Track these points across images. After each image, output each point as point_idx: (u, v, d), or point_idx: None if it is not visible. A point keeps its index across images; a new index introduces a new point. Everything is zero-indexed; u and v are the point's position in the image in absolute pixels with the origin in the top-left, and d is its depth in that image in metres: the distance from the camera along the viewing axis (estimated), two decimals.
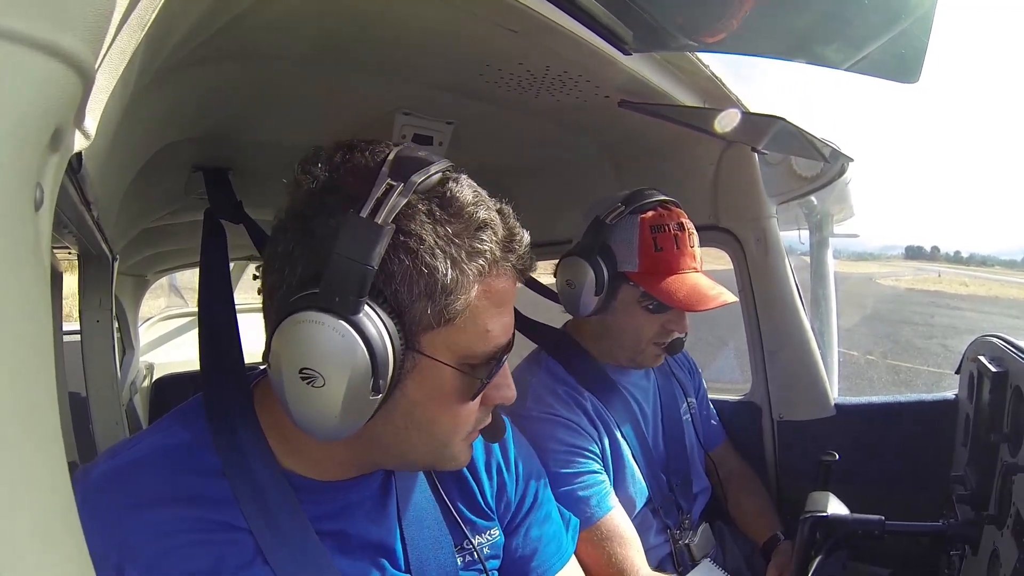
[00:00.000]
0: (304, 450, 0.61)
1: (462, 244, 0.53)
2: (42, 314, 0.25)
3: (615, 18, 0.69)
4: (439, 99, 1.04)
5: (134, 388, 2.50)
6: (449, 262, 0.52)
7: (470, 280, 0.54)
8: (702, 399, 1.39)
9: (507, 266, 0.57)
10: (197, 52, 0.66)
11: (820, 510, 0.97)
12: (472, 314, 0.55)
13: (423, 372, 0.55)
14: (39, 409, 0.23)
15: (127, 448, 0.59)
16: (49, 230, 0.28)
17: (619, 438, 1.13)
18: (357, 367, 0.49)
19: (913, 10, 0.67)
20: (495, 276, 0.56)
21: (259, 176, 1.12)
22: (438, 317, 0.53)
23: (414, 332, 0.54)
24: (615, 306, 1.11)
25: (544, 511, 0.82)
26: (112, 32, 0.33)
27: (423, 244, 0.52)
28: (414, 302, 0.52)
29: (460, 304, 0.54)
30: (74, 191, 0.57)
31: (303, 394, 0.50)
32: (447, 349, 0.55)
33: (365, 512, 0.64)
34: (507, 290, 0.58)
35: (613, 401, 1.15)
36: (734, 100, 1.14)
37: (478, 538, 0.72)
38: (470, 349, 0.56)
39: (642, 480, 1.14)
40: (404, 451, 0.60)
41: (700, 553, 1.18)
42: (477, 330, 0.56)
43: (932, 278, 38.44)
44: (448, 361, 0.55)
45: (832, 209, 2.13)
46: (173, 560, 0.54)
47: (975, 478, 1.01)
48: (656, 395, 1.25)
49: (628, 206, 1.08)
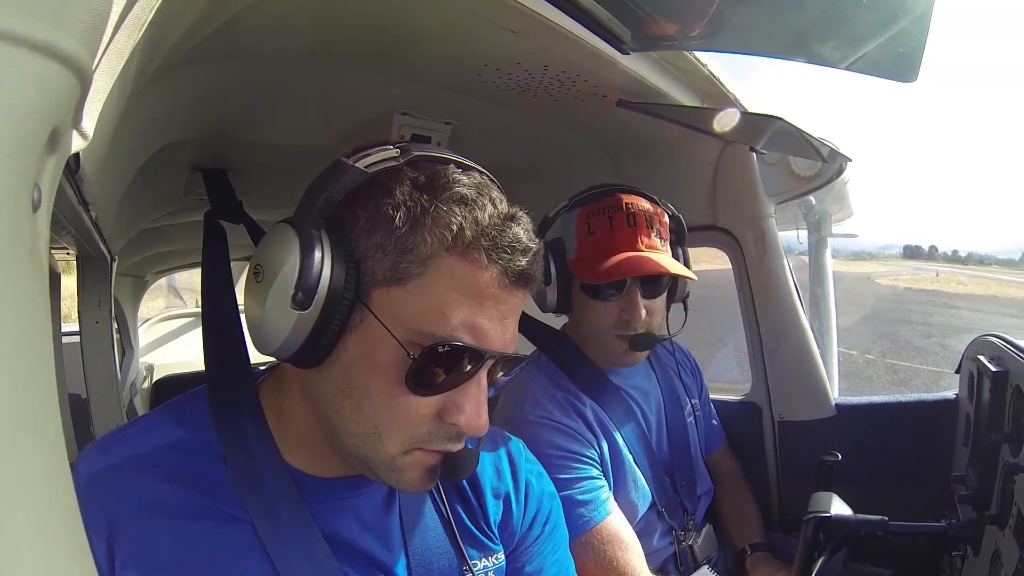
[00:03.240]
0: (304, 444, 0.61)
1: (428, 210, 0.53)
2: (41, 315, 0.25)
3: (613, 18, 0.69)
4: (438, 99, 1.04)
5: (134, 389, 2.50)
6: (410, 222, 0.53)
7: (429, 248, 0.53)
8: (705, 401, 1.38)
9: (480, 254, 0.53)
10: (195, 52, 0.66)
11: (823, 510, 0.96)
12: (427, 285, 0.53)
13: (367, 330, 0.54)
14: (39, 410, 0.23)
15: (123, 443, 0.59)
16: (47, 231, 0.28)
17: (619, 443, 1.12)
18: (287, 271, 0.52)
19: (911, 9, 0.67)
20: (464, 258, 0.53)
21: (258, 176, 1.12)
22: (389, 274, 0.53)
23: (367, 285, 0.54)
24: (572, 300, 1.11)
25: (551, 545, 0.77)
26: (110, 32, 0.33)
27: (391, 198, 0.53)
28: (370, 252, 0.53)
29: (414, 268, 0.53)
30: (72, 192, 0.57)
31: (249, 288, 0.56)
32: (394, 315, 0.53)
33: (365, 522, 0.63)
34: (482, 283, 0.54)
35: (613, 405, 1.14)
36: (732, 100, 1.14)
37: (484, 561, 0.70)
38: (418, 325, 0.53)
39: (645, 484, 1.13)
40: (341, 429, 0.56)
41: (703, 554, 1.18)
42: (429, 306, 0.53)
43: (930, 277, 38.47)
44: (392, 329, 0.53)
45: (830, 209, 2.13)
46: (165, 538, 0.54)
47: (976, 478, 1.01)
48: (660, 397, 1.24)
49: (572, 199, 1.12)
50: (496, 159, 1.54)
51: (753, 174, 1.37)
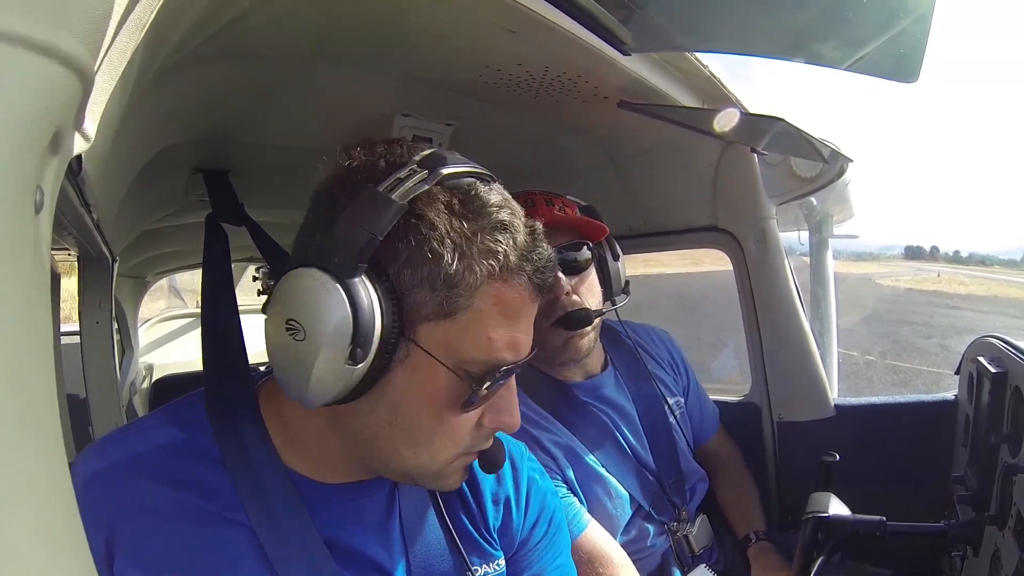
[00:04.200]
0: (306, 449, 0.61)
1: (474, 240, 0.52)
2: (42, 316, 0.25)
3: (614, 18, 0.69)
4: (439, 100, 1.04)
5: (133, 389, 2.50)
6: (457, 254, 0.51)
7: (477, 278, 0.52)
8: (693, 391, 1.35)
9: (522, 277, 0.55)
10: (197, 53, 0.66)
11: (822, 511, 0.96)
12: (475, 316, 0.53)
13: (415, 364, 0.54)
14: (39, 410, 0.23)
15: (122, 446, 0.58)
16: (49, 233, 0.28)
17: (589, 462, 1.10)
18: (338, 328, 0.49)
19: (912, 10, 0.67)
20: (507, 283, 0.54)
21: (259, 177, 1.13)
22: (438, 309, 0.52)
23: (412, 319, 0.53)
24: None
25: (552, 551, 0.77)
26: (111, 33, 0.33)
27: (434, 231, 0.51)
28: (415, 287, 0.52)
29: (463, 301, 0.52)
30: (74, 193, 0.57)
31: (285, 345, 0.51)
32: (443, 347, 0.54)
33: (366, 527, 0.63)
34: (519, 302, 0.56)
35: (581, 424, 1.12)
36: (733, 100, 1.14)
37: (484, 567, 0.69)
38: (468, 353, 0.54)
39: (624, 491, 1.12)
40: (388, 453, 0.58)
41: (699, 544, 1.17)
42: (478, 335, 0.54)
43: (931, 278, 38.40)
44: (443, 359, 0.54)
45: (832, 210, 2.13)
46: (164, 541, 0.54)
47: (976, 479, 1.01)
48: (631, 403, 1.21)
49: None
50: (497, 160, 1.53)
51: (754, 175, 1.37)
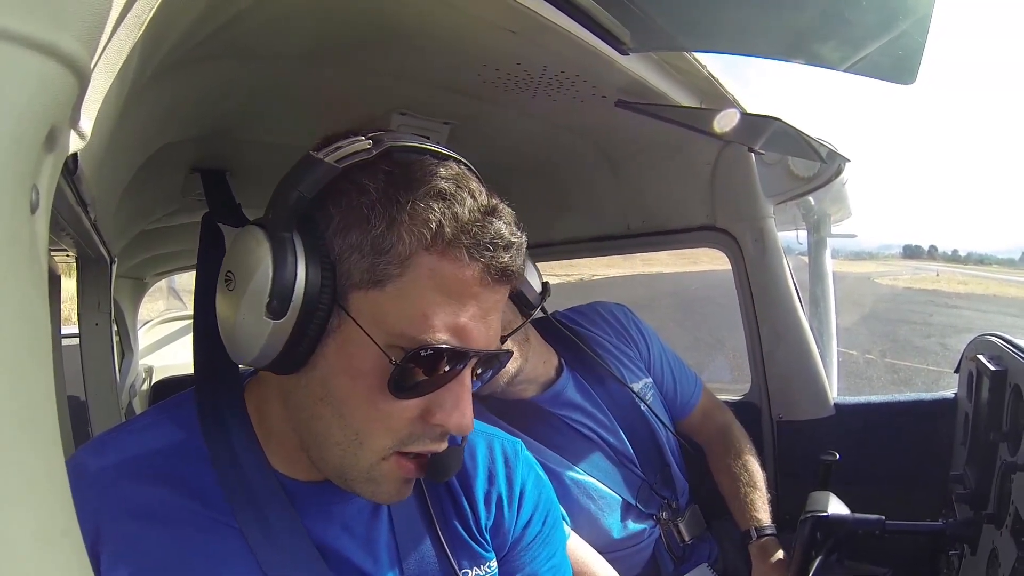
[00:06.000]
0: (278, 442, 0.60)
1: (404, 207, 0.50)
2: (40, 317, 0.25)
3: (613, 18, 0.69)
4: (436, 99, 1.04)
5: (133, 391, 2.50)
6: (386, 221, 0.50)
7: (406, 246, 0.50)
8: (659, 360, 1.29)
9: (463, 253, 0.51)
10: (194, 52, 0.66)
11: (820, 510, 0.97)
12: (407, 287, 0.51)
13: (346, 335, 0.52)
14: (38, 412, 0.23)
15: (114, 445, 0.58)
16: (46, 232, 0.28)
17: (568, 473, 1.10)
18: (258, 279, 0.50)
19: (911, 11, 0.67)
20: (444, 257, 0.51)
21: (256, 177, 1.12)
22: (367, 276, 0.51)
23: (344, 286, 0.52)
24: None
25: (546, 551, 0.75)
26: (108, 31, 0.33)
27: (365, 195, 0.51)
28: (346, 253, 0.51)
29: (393, 269, 0.50)
30: (70, 192, 0.57)
31: (221, 298, 0.54)
32: (373, 318, 0.51)
33: (352, 528, 0.62)
34: (462, 281, 0.52)
35: (552, 435, 1.12)
36: (731, 100, 1.14)
37: (475, 570, 0.68)
38: (400, 329, 0.51)
39: (608, 491, 1.12)
40: (321, 437, 0.55)
41: (689, 532, 1.17)
42: (412, 310, 0.51)
43: (930, 277, 38.46)
44: (372, 333, 0.51)
45: (830, 209, 2.13)
46: (152, 543, 0.53)
47: (974, 477, 1.01)
48: (597, 401, 1.18)
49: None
50: (495, 159, 1.53)
51: (752, 175, 1.37)
